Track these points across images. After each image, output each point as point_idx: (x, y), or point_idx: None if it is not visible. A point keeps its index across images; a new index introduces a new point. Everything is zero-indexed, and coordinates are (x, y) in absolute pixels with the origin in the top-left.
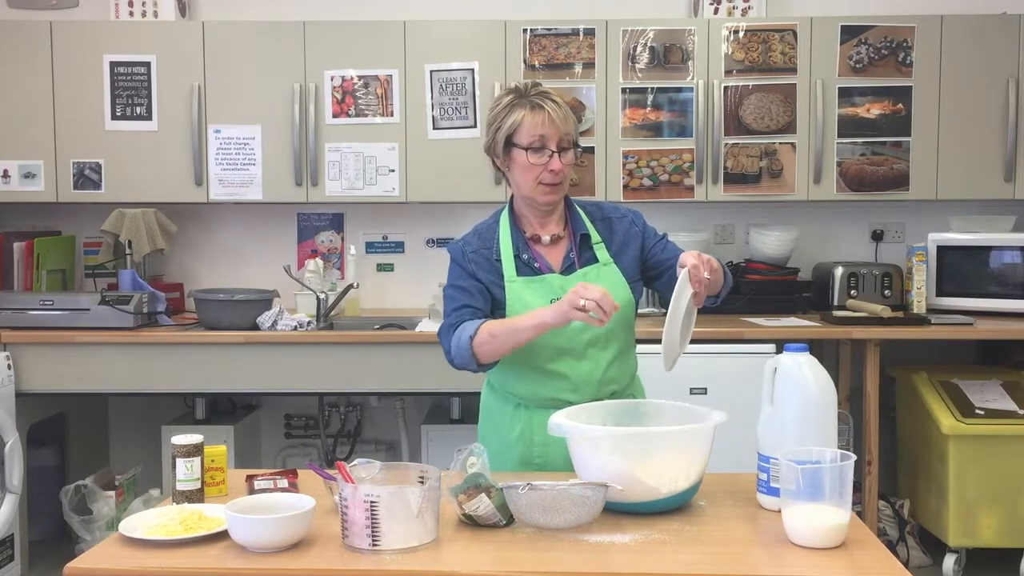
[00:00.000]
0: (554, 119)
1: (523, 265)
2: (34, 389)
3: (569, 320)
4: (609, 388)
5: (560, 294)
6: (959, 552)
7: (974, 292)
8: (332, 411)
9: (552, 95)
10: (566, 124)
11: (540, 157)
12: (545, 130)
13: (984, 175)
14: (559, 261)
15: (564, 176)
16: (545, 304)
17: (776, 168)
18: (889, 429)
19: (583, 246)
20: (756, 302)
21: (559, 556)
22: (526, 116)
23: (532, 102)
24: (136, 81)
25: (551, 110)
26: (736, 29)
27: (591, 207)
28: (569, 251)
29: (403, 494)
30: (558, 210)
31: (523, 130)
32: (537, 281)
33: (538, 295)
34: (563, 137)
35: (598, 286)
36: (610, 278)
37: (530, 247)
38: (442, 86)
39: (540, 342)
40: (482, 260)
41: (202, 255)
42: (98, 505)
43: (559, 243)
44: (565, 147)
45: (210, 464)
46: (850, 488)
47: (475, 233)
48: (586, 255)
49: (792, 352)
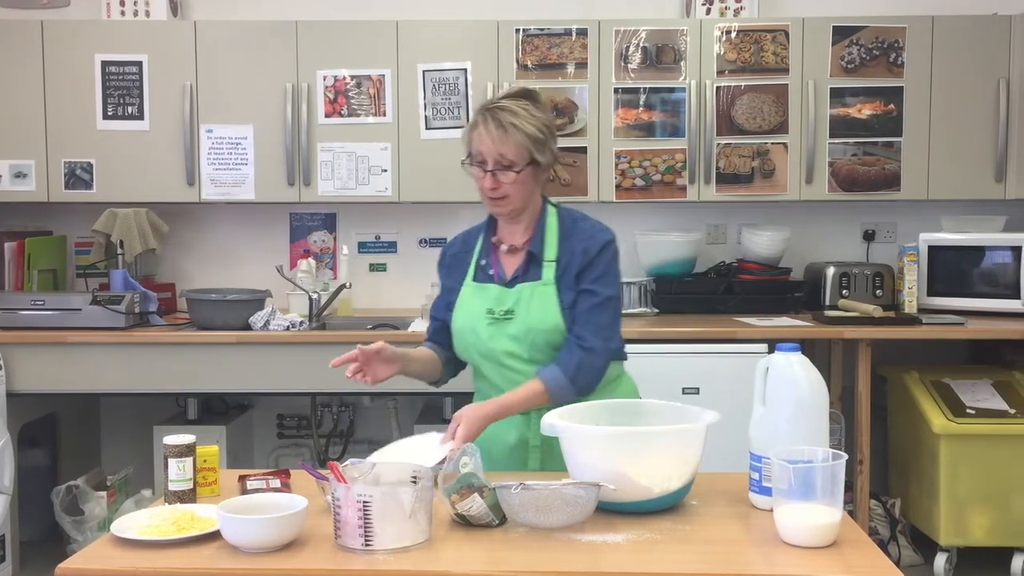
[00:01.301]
0: (484, 138)
1: (480, 271)
2: (25, 389)
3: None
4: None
5: (494, 305)
6: (950, 551)
7: (965, 292)
8: (324, 411)
9: (502, 113)
10: (501, 145)
11: (478, 172)
12: (480, 147)
13: (975, 175)
14: (511, 271)
15: (505, 193)
16: (482, 312)
17: (768, 168)
18: (880, 429)
19: (533, 261)
20: (748, 302)
21: (552, 556)
22: (472, 130)
23: (478, 117)
24: (128, 81)
25: (485, 130)
26: (728, 29)
27: (568, 221)
28: (520, 263)
29: (396, 494)
30: (524, 222)
31: (471, 143)
32: (483, 289)
33: (479, 302)
34: (497, 159)
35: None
36: (544, 299)
37: (492, 253)
38: (435, 86)
39: (469, 346)
40: (456, 263)
41: (194, 255)
42: (90, 506)
43: (517, 253)
44: (505, 166)
45: (202, 464)
46: (841, 487)
47: (464, 234)
48: (533, 271)
49: (784, 352)
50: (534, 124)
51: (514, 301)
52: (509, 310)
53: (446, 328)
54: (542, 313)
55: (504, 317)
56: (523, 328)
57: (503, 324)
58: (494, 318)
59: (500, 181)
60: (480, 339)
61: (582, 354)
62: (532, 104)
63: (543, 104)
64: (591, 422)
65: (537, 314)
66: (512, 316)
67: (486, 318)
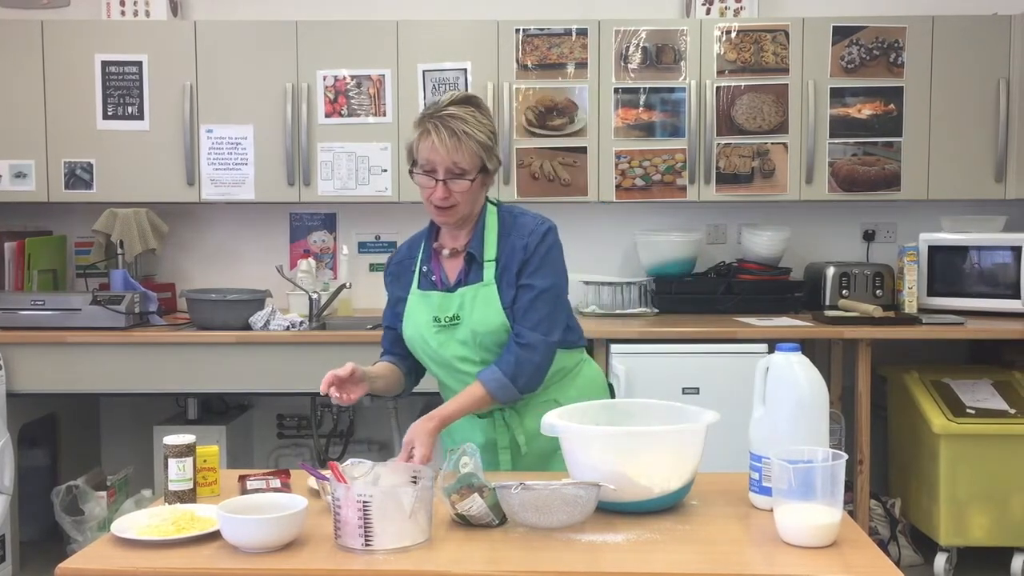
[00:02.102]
0: (437, 147)
1: (423, 278)
2: (25, 389)
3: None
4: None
5: (439, 312)
6: (950, 551)
7: (965, 292)
8: (324, 411)
9: (453, 121)
10: (455, 153)
11: (427, 181)
12: (431, 156)
13: (975, 175)
14: (454, 276)
15: (455, 201)
16: (428, 321)
17: (768, 168)
18: (880, 428)
19: (474, 263)
20: (748, 302)
21: (552, 556)
22: (420, 138)
23: (426, 126)
24: (128, 81)
25: (437, 138)
26: (728, 29)
27: (508, 218)
28: (462, 267)
29: (396, 494)
30: (467, 227)
31: (417, 151)
32: (426, 296)
33: (425, 310)
34: (451, 166)
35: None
36: (486, 300)
37: (433, 259)
38: (435, 86)
39: (423, 354)
40: (402, 271)
41: (194, 255)
42: (90, 506)
43: (458, 256)
44: (457, 174)
45: (202, 464)
46: (841, 487)
47: (408, 241)
48: (474, 274)
49: (784, 352)
50: (483, 131)
51: (458, 306)
52: (455, 316)
53: (400, 338)
54: (485, 315)
55: (451, 323)
56: (469, 332)
57: (451, 330)
58: (441, 325)
59: (451, 190)
60: (430, 347)
61: (519, 351)
62: (478, 111)
63: (487, 110)
64: (591, 422)
65: (480, 316)
66: (459, 321)
67: (433, 326)
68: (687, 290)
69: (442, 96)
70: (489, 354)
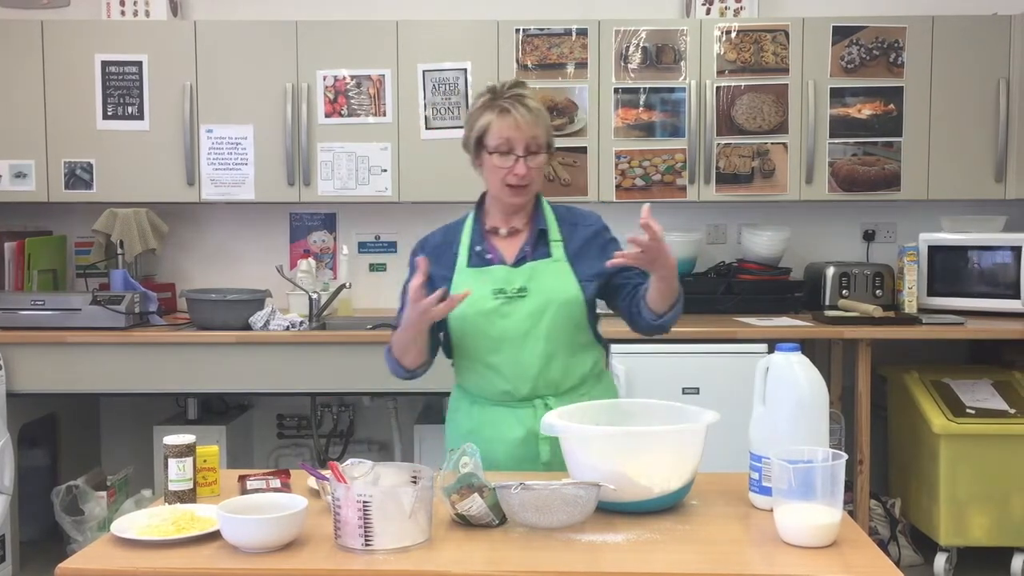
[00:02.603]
0: (520, 124)
1: (475, 256)
2: (25, 389)
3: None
4: (555, 386)
5: (503, 285)
6: (950, 551)
7: (965, 292)
8: (324, 411)
9: (525, 97)
10: (534, 128)
11: (505, 160)
12: (511, 134)
13: (975, 175)
14: (513, 253)
15: (531, 179)
16: (487, 294)
17: (768, 168)
18: (880, 428)
19: (540, 241)
20: (748, 302)
21: (552, 556)
22: (494, 120)
23: (501, 105)
24: (128, 81)
25: (518, 115)
26: (728, 29)
27: (561, 209)
28: (525, 244)
29: (396, 494)
30: (526, 207)
31: (491, 133)
32: (484, 272)
33: (482, 284)
34: (530, 141)
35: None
36: (559, 273)
37: (486, 239)
38: (435, 86)
39: (479, 332)
40: (440, 254)
41: (194, 255)
42: (90, 506)
43: (516, 236)
44: (533, 151)
45: (202, 464)
46: (841, 487)
47: (442, 229)
48: (541, 250)
49: (784, 352)
50: (543, 107)
51: (526, 279)
52: (522, 287)
53: None
54: (562, 285)
55: (518, 295)
56: (541, 302)
57: (517, 302)
58: (507, 297)
59: (529, 166)
60: (490, 320)
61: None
62: (534, 92)
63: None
64: (591, 422)
65: (554, 286)
66: (526, 293)
67: (496, 298)
68: (687, 290)
69: (495, 84)
70: (555, 328)
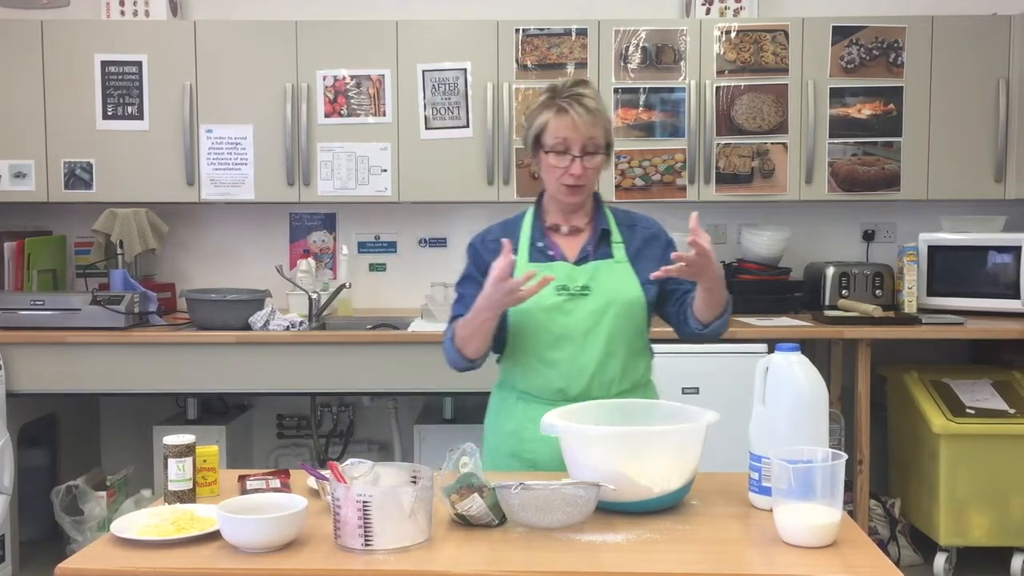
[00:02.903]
0: (577, 124)
1: (537, 252)
2: (25, 389)
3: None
4: (607, 387)
5: (567, 282)
6: (950, 551)
7: (965, 292)
8: (324, 411)
9: (585, 96)
10: (591, 128)
11: (562, 160)
12: (568, 134)
13: (975, 175)
14: (575, 252)
15: (587, 179)
16: (550, 290)
17: (768, 168)
18: (880, 428)
19: (601, 241)
20: (748, 302)
21: (552, 556)
22: (551, 119)
23: (559, 105)
24: (127, 80)
25: (576, 115)
26: (728, 29)
27: (620, 212)
28: (587, 243)
29: (396, 494)
30: (585, 206)
31: (548, 132)
32: (546, 267)
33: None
34: (586, 142)
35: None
36: (621, 274)
37: (547, 236)
38: (434, 86)
39: (540, 327)
40: (499, 248)
41: (194, 255)
42: (89, 506)
43: (578, 235)
44: (590, 152)
45: (202, 464)
46: (841, 487)
47: (500, 224)
48: (602, 250)
49: (784, 352)
50: (606, 110)
51: (588, 277)
52: (584, 286)
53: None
54: (624, 286)
55: (580, 293)
56: (604, 301)
57: (579, 300)
58: (570, 294)
59: (585, 167)
60: (552, 316)
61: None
62: (597, 92)
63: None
64: (591, 422)
65: (617, 286)
66: (588, 292)
67: (559, 295)
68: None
69: (559, 81)
70: (617, 328)
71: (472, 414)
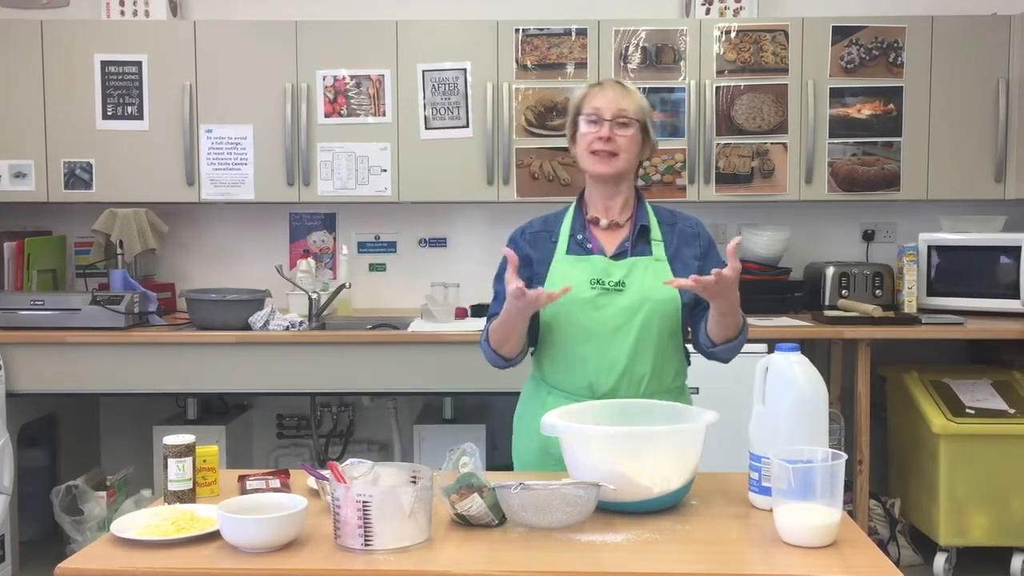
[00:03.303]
0: (609, 95)
1: (576, 245)
2: (25, 389)
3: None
4: (636, 386)
5: (602, 276)
6: (950, 551)
7: (965, 292)
8: (324, 411)
9: (625, 81)
10: (623, 99)
11: (592, 127)
12: (600, 103)
13: (974, 175)
14: (613, 246)
15: (620, 148)
16: (584, 283)
17: (768, 168)
18: (880, 428)
19: (641, 238)
20: (748, 302)
21: (552, 556)
22: (588, 93)
23: (598, 82)
24: (127, 80)
25: (610, 88)
26: (728, 29)
27: (664, 211)
28: (626, 239)
29: (395, 494)
30: (623, 195)
31: (584, 104)
32: (583, 260)
33: (581, 273)
34: (617, 112)
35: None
36: (659, 272)
37: (587, 228)
38: (434, 86)
39: (571, 321)
40: (538, 240)
41: (194, 255)
42: (89, 506)
43: (617, 230)
44: (622, 122)
45: (202, 464)
46: (841, 487)
47: (542, 217)
48: (641, 247)
49: (784, 352)
50: (643, 98)
51: (624, 273)
52: (619, 281)
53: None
54: (658, 284)
55: (615, 288)
56: (637, 298)
57: (613, 295)
58: (604, 288)
59: (615, 134)
60: (584, 310)
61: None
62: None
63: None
64: (591, 422)
65: (653, 284)
66: (623, 288)
67: (593, 288)
68: None
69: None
70: (648, 325)
71: (472, 414)
